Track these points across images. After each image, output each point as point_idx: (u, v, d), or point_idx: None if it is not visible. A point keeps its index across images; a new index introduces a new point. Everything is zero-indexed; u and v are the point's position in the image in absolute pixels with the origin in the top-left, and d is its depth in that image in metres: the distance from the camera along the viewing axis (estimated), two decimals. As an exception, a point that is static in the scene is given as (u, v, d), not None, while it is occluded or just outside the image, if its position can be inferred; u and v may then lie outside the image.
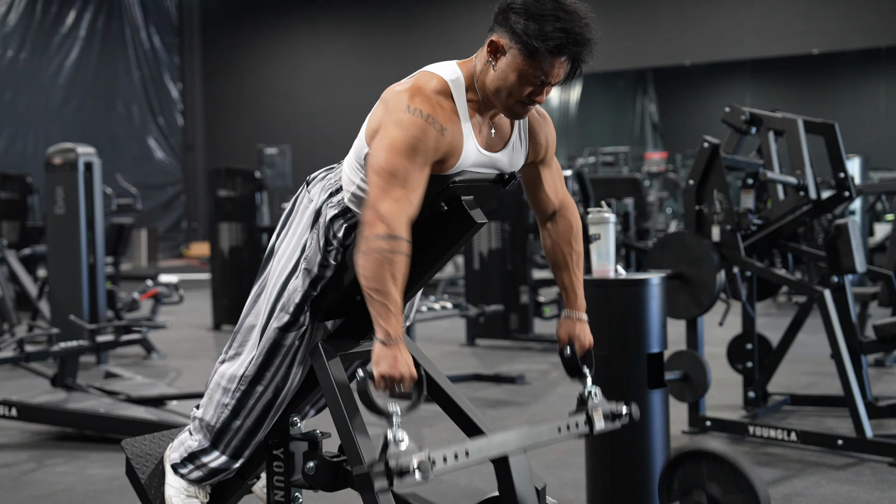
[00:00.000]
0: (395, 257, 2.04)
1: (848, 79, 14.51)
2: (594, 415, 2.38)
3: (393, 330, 2.05)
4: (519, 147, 2.30)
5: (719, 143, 4.52)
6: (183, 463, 2.51)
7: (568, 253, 2.46)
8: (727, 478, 2.28)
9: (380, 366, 2.05)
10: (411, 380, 2.08)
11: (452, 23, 15.57)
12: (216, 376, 2.44)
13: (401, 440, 2.00)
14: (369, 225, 2.05)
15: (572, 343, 2.46)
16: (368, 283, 2.05)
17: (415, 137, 2.07)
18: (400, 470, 1.97)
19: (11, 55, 15.31)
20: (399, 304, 2.07)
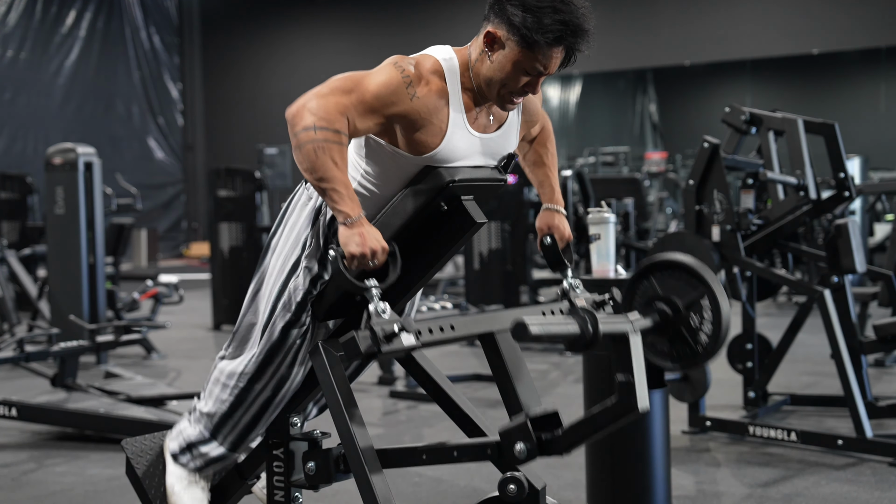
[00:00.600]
0: (329, 145, 2.06)
1: (848, 79, 14.51)
2: (577, 301, 2.39)
3: (351, 210, 2.08)
4: (514, 126, 2.33)
5: (719, 143, 4.52)
6: (182, 452, 2.53)
7: (543, 153, 2.54)
8: (686, 284, 2.26)
9: (349, 246, 2.07)
10: (384, 252, 2.10)
11: (452, 22, 15.57)
12: (216, 372, 2.45)
13: (383, 310, 2.03)
14: (297, 116, 2.08)
15: (552, 233, 2.49)
16: (311, 175, 2.07)
17: (384, 84, 2.10)
18: (385, 334, 1.99)
19: (11, 55, 15.31)
20: (347, 184, 2.09)
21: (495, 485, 2.22)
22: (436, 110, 2.15)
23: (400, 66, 2.13)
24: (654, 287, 2.29)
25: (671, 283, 2.27)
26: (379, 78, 2.12)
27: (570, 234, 2.52)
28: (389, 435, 4.62)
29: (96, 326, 5.68)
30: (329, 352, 2.25)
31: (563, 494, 3.63)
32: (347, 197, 2.07)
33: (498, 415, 5.00)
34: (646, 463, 3.34)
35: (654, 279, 2.29)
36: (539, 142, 2.54)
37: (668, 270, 2.28)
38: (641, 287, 2.32)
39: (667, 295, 2.26)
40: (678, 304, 2.24)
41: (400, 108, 2.11)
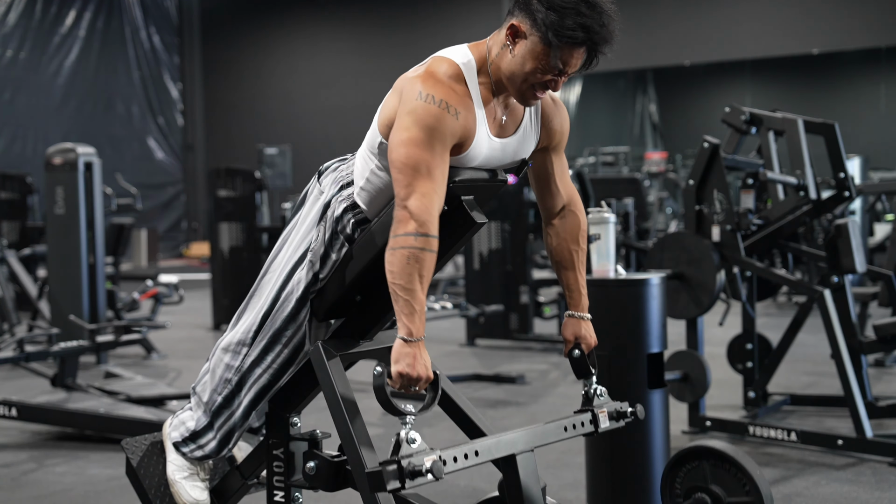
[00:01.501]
0: (425, 255, 2.04)
1: (848, 79, 14.51)
2: (599, 414, 2.39)
3: (416, 329, 2.05)
4: (530, 132, 2.29)
5: (719, 143, 4.52)
6: (185, 442, 2.54)
7: (575, 251, 2.43)
8: (730, 476, 2.28)
9: (399, 364, 2.04)
10: (427, 381, 2.08)
11: (452, 21, 15.57)
12: (219, 352, 2.45)
13: (413, 440, 2.01)
14: (400, 222, 2.05)
15: (579, 344, 2.45)
16: (395, 279, 2.04)
17: (430, 127, 2.06)
18: (412, 471, 1.97)
19: (11, 55, 15.31)
20: (423, 304, 2.07)
21: (495, 485, 2.23)
22: (471, 116, 2.14)
23: (426, 95, 2.08)
24: (705, 474, 2.31)
25: (712, 468, 2.29)
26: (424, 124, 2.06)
27: (596, 340, 2.47)
28: (389, 435, 4.62)
29: (96, 326, 5.68)
30: (329, 352, 2.24)
31: (563, 494, 3.63)
32: (418, 315, 2.05)
33: (498, 414, 5.00)
34: (646, 463, 3.34)
35: (708, 464, 2.31)
36: (570, 235, 2.43)
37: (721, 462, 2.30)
38: (681, 470, 2.34)
39: (708, 484, 2.30)
40: (719, 492, 2.27)
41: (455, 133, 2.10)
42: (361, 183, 2.26)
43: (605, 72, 15.43)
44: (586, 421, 2.38)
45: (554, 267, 2.49)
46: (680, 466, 2.41)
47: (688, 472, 2.45)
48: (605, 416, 2.40)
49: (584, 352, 2.44)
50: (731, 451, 2.31)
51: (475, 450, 2.13)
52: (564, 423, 2.34)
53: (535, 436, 2.27)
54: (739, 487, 2.32)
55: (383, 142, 2.19)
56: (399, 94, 2.15)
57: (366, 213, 2.27)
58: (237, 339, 2.42)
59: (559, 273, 2.47)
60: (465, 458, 2.10)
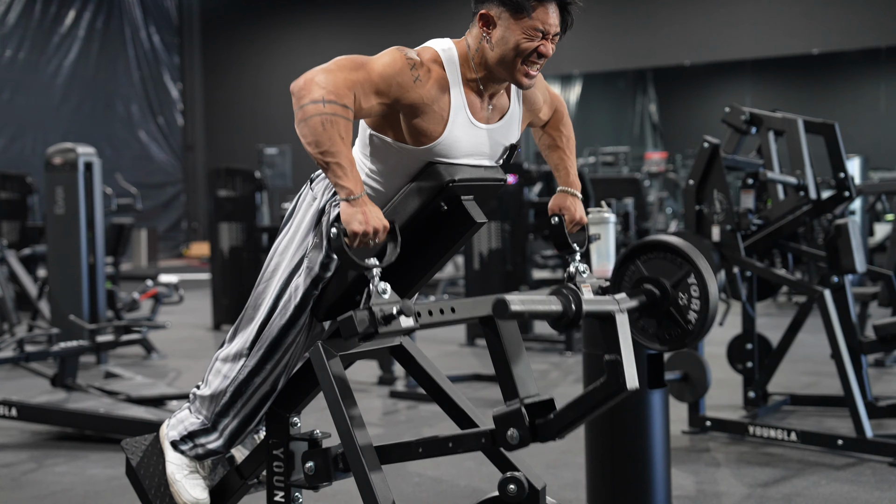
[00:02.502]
0: (337, 119, 2.04)
1: (848, 79, 14.51)
2: (582, 287, 2.39)
3: (354, 186, 2.06)
4: (516, 116, 2.33)
5: (719, 143, 4.52)
6: (183, 440, 2.54)
7: (557, 136, 2.54)
8: (672, 264, 2.25)
9: (351, 224, 2.04)
10: (385, 231, 2.08)
11: (451, 21, 15.56)
12: (217, 363, 2.46)
13: (383, 290, 2.02)
14: (304, 89, 2.06)
15: (562, 214, 2.47)
16: (315, 148, 2.04)
17: (388, 65, 2.11)
18: (385, 316, 1.98)
19: (10, 55, 15.30)
20: (352, 160, 2.07)
21: (495, 485, 2.23)
22: (437, 97, 2.16)
23: (403, 50, 2.16)
24: (640, 269, 2.28)
25: (658, 264, 2.26)
26: (384, 59, 2.13)
27: (584, 217, 2.50)
28: (389, 435, 4.62)
29: (96, 326, 5.68)
30: (329, 351, 2.25)
31: (563, 494, 3.63)
32: (351, 173, 2.06)
33: (498, 415, 4.99)
34: (646, 463, 3.34)
35: (641, 261, 2.28)
36: (552, 125, 2.54)
37: (655, 251, 2.27)
38: (629, 269, 2.31)
39: (653, 276, 2.25)
40: (665, 284, 2.23)
41: (404, 90, 2.12)
42: None
43: (605, 72, 15.43)
44: None
45: (542, 151, 2.58)
46: (627, 264, 2.36)
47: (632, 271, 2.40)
48: (589, 290, 2.39)
49: (563, 220, 2.46)
50: (675, 242, 2.28)
51: (451, 307, 2.13)
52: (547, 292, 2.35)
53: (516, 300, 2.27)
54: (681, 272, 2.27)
55: (372, 133, 2.21)
56: None
57: None
58: (234, 351, 2.42)
59: (547, 155, 2.57)
60: (441, 313, 2.10)
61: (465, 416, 2.44)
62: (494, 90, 2.25)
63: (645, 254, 2.28)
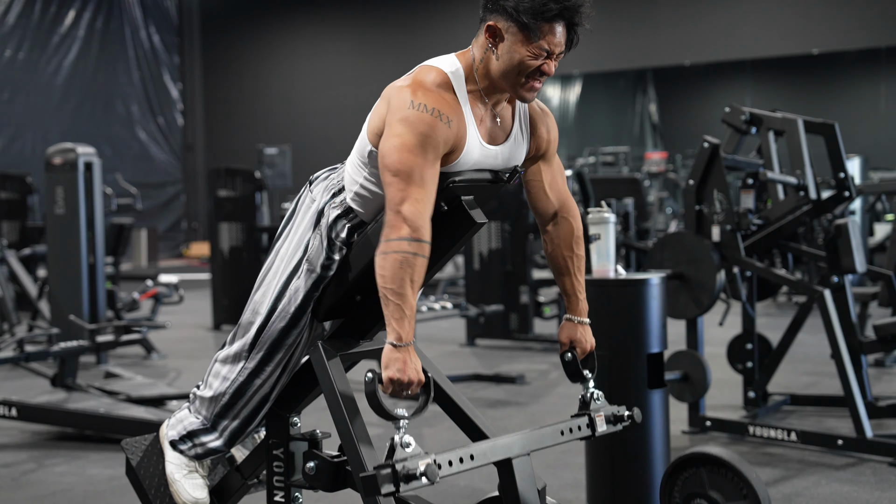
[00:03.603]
0: (417, 260, 2.05)
1: (848, 79, 14.50)
2: (596, 418, 2.39)
3: (405, 334, 2.05)
4: (521, 139, 2.30)
5: (719, 143, 4.52)
6: (182, 440, 2.54)
7: (569, 257, 2.43)
8: (728, 482, 2.27)
9: (389, 369, 2.05)
10: (419, 385, 2.09)
11: (452, 21, 15.56)
12: (217, 364, 2.46)
13: (407, 444, 2.01)
14: (393, 227, 2.06)
15: (573, 347, 2.45)
16: (386, 283, 2.05)
17: (423, 134, 2.08)
18: (407, 475, 1.97)
19: (10, 55, 15.30)
20: (414, 309, 2.07)
21: (495, 485, 2.23)
22: (462, 124, 2.16)
23: (417, 104, 2.10)
24: (696, 479, 2.30)
25: (711, 475, 2.28)
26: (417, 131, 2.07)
27: (593, 344, 2.47)
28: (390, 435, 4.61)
29: (96, 326, 5.68)
30: (329, 351, 2.25)
31: (563, 494, 3.63)
32: (408, 320, 2.06)
33: (498, 414, 5.00)
34: (646, 463, 3.34)
35: (692, 469, 2.30)
36: (564, 242, 2.43)
37: (707, 462, 2.29)
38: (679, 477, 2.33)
39: (706, 491, 2.28)
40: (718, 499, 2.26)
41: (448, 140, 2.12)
42: (355, 189, 2.28)
43: (605, 72, 15.43)
44: (583, 425, 2.38)
45: (552, 271, 2.49)
46: (678, 474, 2.40)
47: (686, 479, 2.45)
48: (602, 420, 2.40)
49: (576, 356, 2.44)
50: (727, 457, 2.31)
51: (470, 454, 2.13)
52: (561, 427, 2.34)
53: (531, 440, 2.27)
54: (737, 492, 2.32)
55: (373, 150, 2.20)
56: (387, 103, 2.16)
57: (361, 216, 2.28)
58: (234, 353, 2.42)
59: (556, 278, 2.48)
60: (461, 462, 2.10)
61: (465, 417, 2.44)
62: (498, 99, 2.24)
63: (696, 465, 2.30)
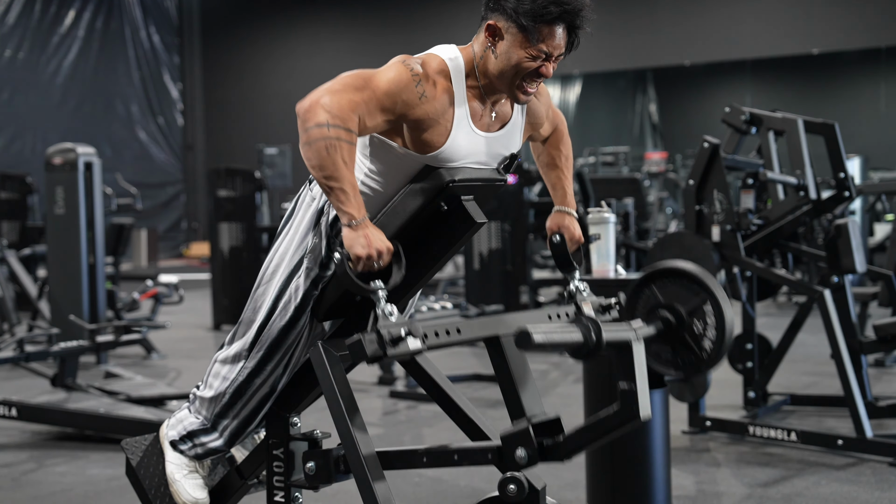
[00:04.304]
0: (341, 143, 2.04)
1: (848, 79, 14.50)
2: (583, 305, 2.39)
3: (356, 212, 2.06)
4: (518, 126, 2.33)
5: (719, 143, 4.52)
6: (182, 440, 2.55)
7: (556, 155, 2.54)
8: (688, 291, 2.25)
9: (354, 248, 2.06)
10: (389, 252, 2.09)
11: (452, 22, 15.57)
12: (217, 364, 2.46)
13: (390, 313, 2.02)
14: (309, 112, 2.04)
15: (561, 233, 2.49)
16: (319, 172, 2.05)
17: (394, 82, 2.10)
18: (392, 337, 1.98)
19: (10, 55, 15.30)
20: (355, 185, 2.07)
21: (495, 485, 2.23)
22: (443, 110, 2.16)
23: (408, 64, 2.14)
24: (656, 295, 2.28)
25: (673, 290, 2.26)
26: (389, 75, 2.12)
27: (581, 237, 2.52)
28: (389, 435, 4.62)
29: (96, 326, 5.68)
30: (329, 352, 2.25)
31: (563, 494, 3.63)
32: (353, 198, 2.06)
33: (498, 414, 4.99)
34: (646, 463, 3.34)
35: (656, 287, 2.28)
36: (552, 143, 2.53)
37: (671, 277, 2.27)
38: (644, 295, 2.31)
39: (669, 302, 2.26)
40: (681, 311, 2.24)
41: (409, 108, 2.12)
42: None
43: (605, 72, 15.42)
44: (570, 312, 2.39)
45: (541, 171, 2.59)
46: (642, 288, 2.36)
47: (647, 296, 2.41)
48: (590, 308, 2.40)
49: (564, 239, 2.47)
50: (690, 268, 2.28)
51: (457, 327, 2.14)
52: (548, 312, 2.36)
53: (518, 320, 2.27)
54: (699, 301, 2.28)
55: (373, 137, 2.21)
56: None
57: None
58: (234, 353, 2.42)
59: (545, 173, 2.57)
60: (447, 334, 2.11)
61: (466, 419, 2.43)
62: (497, 98, 2.25)
63: (661, 279, 2.28)
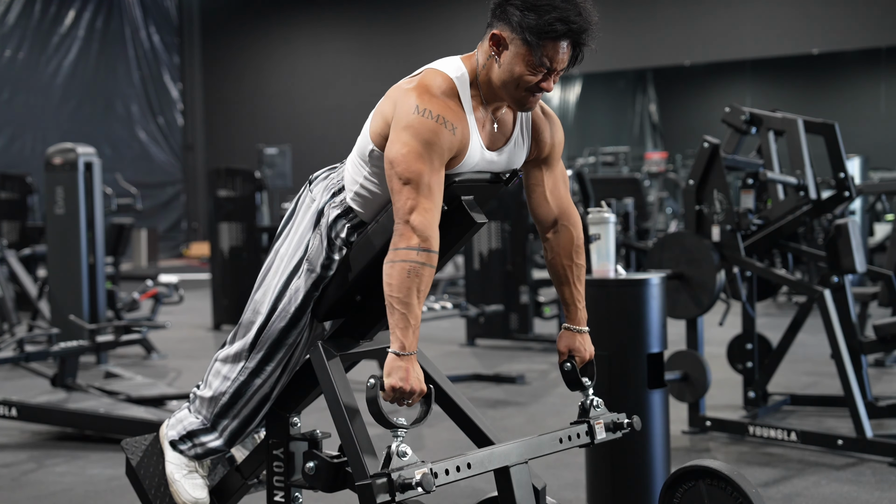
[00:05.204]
0: (424, 270, 2.05)
1: (848, 79, 14.50)
2: (595, 425, 2.39)
3: (409, 343, 2.06)
4: (521, 144, 2.30)
5: (719, 143, 4.52)
6: (182, 440, 2.54)
7: (569, 266, 2.41)
8: (726, 495, 2.28)
9: (391, 377, 2.06)
10: (420, 395, 2.09)
11: (452, 22, 15.57)
12: (217, 364, 2.46)
13: (404, 454, 2.02)
14: (402, 236, 2.06)
15: (572, 356, 2.45)
16: (393, 291, 2.05)
17: (428, 141, 2.08)
18: (402, 484, 1.98)
19: (10, 55, 15.30)
20: (419, 319, 2.08)
21: (495, 485, 2.23)
22: (466, 131, 2.15)
23: (423, 109, 2.09)
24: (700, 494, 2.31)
25: (711, 489, 2.29)
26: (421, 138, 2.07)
27: (592, 353, 2.46)
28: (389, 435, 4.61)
29: (96, 326, 5.68)
30: (329, 352, 2.24)
31: (563, 494, 3.63)
32: (413, 329, 2.06)
33: (498, 414, 5.00)
34: (646, 463, 3.34)
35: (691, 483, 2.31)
36: (563, 251, 2.41)
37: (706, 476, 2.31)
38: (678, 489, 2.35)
39: None
40: None
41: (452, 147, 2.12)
42: (355, 188, 2.27)
43: (605, 72, 15.42)
44: (582, 432, 2.38)
45: (552, 280, 2.48)
46: (676, 487, 2.41)
47: (684, 492, 2.45)
48: (602, 428, 2.40)
49: (575, 365, 2.44)
50: (726, 471, 2.31)
51: (467, 462, 2.13)
52: (560, 435, 2.34)
53: (529, 448, 2.27)
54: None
55: (374, 150, 2.20)
56: (393, 105, 2.15)
57: (361, 216, 2.28)
58: (234, 352, 2.42)
59: (556, 286, 2.46)
60: (458, 471, 2.11)
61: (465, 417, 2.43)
62: (498, 105, 2.24)
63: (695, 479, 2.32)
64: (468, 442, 2.48)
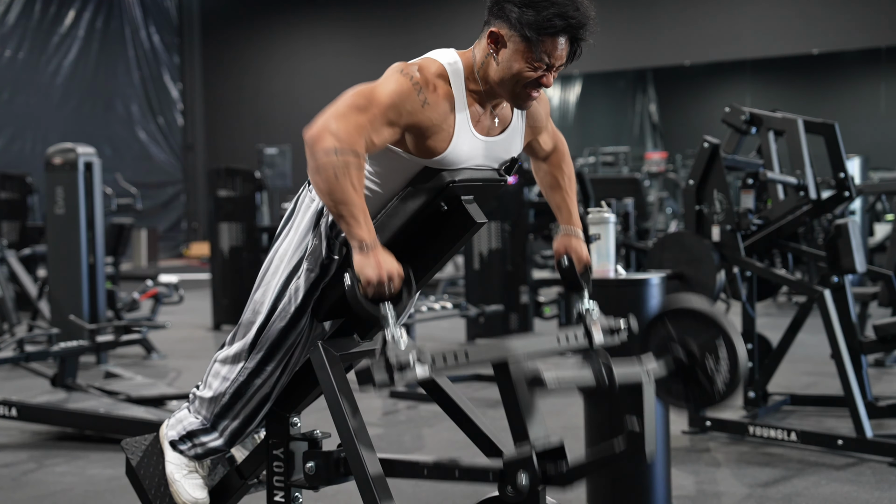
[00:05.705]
0: (350, 168, 2.04)
1: (848, 79, 14.50)
2: (593, 328, 2.40)
3: (367, 236, 2.07)
4: (518, 130, 2.32)
5: (719, 143, 4.52)
6: (182, 440, 2.54)
7: (559, 175, 2.53)
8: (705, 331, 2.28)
9: (365, 272, 2.05)
10: (400, 277, 2.09)
11: (452, 22, 15.57)
12: (216, 364, 2.45)
13: (399, 338, 2.02)
14: (317, 139, 2.05)
15: (569, 255, 2.48)
16: (328, 197, 2.05)
17: (396, 93, 2.10)
18: (400, 364, 1.98)
19: (10, 55, 15.30)
20: (365, 209, 2.07)
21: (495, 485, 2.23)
22: (445, 115, 2.15)
23: (407, 72, 2.13)
24: (668, 330, 2.30)
25: (687, 326, 2.28)
26: (389, 87, 2.11)
27: (589, 258, 2.50)
28: (389, 435, 4.62)
29: (96, 326, 5.68)
30: (329, 352, 2.24)
31: (563, 494, 3.63)
32: (364, 222, 2.06)
33: (498, 414, 4.98)
34: (645, 463, 3.34)
35: (669, 322, 2.30)
36: (554, 164, 2.53)
37: (684, 314, 2.29)
38: (656, 330, 2.33)
39: (682, 338, 2.28)
40: (693, 347, 2.25)
41: (413, 117, 2.11)
42: None
43: (605, 72, 15.42)
44: (580, 335, 2.40)
45: (543, 191, 2.57)
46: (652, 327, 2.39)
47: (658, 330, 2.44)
48: (599, 331, 2.40)
49: (573, 263, 2.46)
50: (702, 307, 2.31)
51: (465, 351, 2.14)
52: (558, 335, 2.35)
53: (528, 345, 2.28)
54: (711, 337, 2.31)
55: None
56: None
57: None
58: (234, 353, 2.42)
59: (548, 195, 2.56)
60: (455, 359, 2.11)
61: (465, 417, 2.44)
62: (498, 102, 2.24)
63: (675, 315, 2.30)
64: (468, 442, 2.48)
